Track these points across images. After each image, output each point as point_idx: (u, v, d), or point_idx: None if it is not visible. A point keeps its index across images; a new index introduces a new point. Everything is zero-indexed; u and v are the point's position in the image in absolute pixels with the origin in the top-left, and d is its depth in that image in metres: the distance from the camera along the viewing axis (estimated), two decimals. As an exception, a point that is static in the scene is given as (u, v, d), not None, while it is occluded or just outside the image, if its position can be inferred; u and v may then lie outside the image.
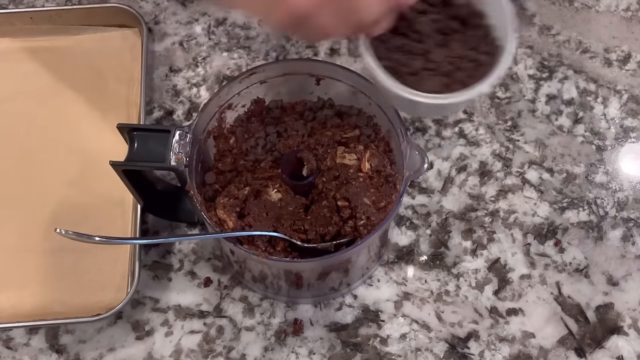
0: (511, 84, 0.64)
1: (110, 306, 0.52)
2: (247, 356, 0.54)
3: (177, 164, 0.45)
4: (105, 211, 0.57)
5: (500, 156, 0.61)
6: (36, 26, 0.64)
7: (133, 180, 0.49)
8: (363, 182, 0.46)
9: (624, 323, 0.55)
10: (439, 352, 0.54)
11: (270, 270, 0.50)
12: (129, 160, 0.46)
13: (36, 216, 0.57)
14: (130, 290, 0.52)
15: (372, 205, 0.46)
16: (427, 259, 0.57)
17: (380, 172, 0.47)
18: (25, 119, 0.61)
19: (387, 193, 0.47)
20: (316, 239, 0.46)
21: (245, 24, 0.67)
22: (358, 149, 0.48)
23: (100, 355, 0.54)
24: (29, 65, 0.63)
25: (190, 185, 0.45)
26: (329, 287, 0.53)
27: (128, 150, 0.46)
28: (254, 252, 0.45)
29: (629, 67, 0.65)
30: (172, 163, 0.45)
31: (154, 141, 0.46)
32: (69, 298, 0.54)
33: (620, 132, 0.62)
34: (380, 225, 0.44)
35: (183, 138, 0.45)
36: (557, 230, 0.58)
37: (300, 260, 0.46)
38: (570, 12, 0.68)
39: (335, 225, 0.46)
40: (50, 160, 0.59)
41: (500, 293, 0.56)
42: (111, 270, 0.55)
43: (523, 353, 0.54)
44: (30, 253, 0.56)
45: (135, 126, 0.47)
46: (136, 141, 0.46)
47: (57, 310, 0.53)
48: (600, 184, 0.60)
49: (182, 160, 0.45)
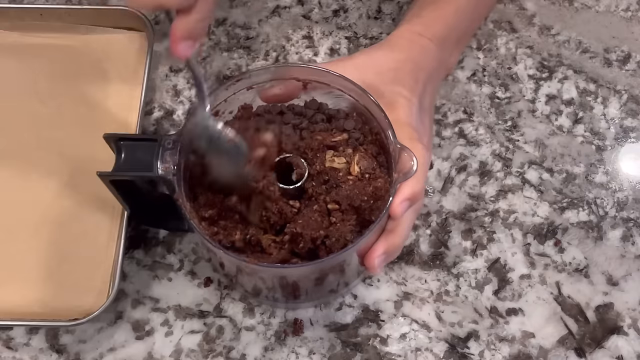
0: (511, 84, 0.64)
1: (89, 311, 0.51)
2: (247, 356, 0.54)
3: (165, 173, 0.45)
4: (95, 214, 0.57)
5: (500, 156, 0.61)
6: (45, 23, 0.64)
7: (121, 190, 0.49)
8: (353, 184, 0.46)
9: (623, 323, 0.55)
10: (439, 352, 0.54)
11: (265, 284, 0.50)
12: (116, 170, 0.45)
13: (24, 215, 0.57)
14: (110, 297, 0.52)
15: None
16: (427, 259, 0.57)
17: (370, 175, 0.47)
18: (25, 116, 0.61)
19: (378, 195, 0.47)
20: (307, 242, 0.46)
21: (246, 24, 0.67)
22: (347, 152, 0.48)
23: (100, 355, 0.54)
24: (35, 62, 0.63)
25: (179, 194, 0.45)
26: (328, 290, 0.53)
27: (115, 161, 0.46)
28: (244, 259, 0.45)
29: (629, 67, 0.65)
30: (160, 172, 0.45)
31: (142, 150, 0.45)
32: (49, 299, 0.54)
33: (620, 132, 0.62)
34: (371, 227, 0.44)
35: (170, 147, 0.45)
36: (557, 230, 0.58)
37: (292, 266, 0.46)
38: (570, 12, 0.68)
39: (326, 229, 0.46)
40: (45, 160, 0.59)
41: (500, 293, 0.56)
42: (94, 274, 0.55)
43: (523, 353, 0.54)
44: (14, 251, 0.56)
45: (122, 136, 0.47)
46: (123, 151, 0.45)
47: (36, 311, 0.53)
48: (600, 184, 0.60)
49: (170, 169, 0.45)
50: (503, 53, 0.66)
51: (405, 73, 0.52)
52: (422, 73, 0.53)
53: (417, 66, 0.53)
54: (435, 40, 0.55)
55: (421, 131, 0.50)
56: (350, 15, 0.68)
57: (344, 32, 0.67)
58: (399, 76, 0.52)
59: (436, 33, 0.55)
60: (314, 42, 0.67)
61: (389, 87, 0.51)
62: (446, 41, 0.56)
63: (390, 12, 0.68)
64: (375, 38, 0.67)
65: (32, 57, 0.64)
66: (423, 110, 0.52)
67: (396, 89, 0.51)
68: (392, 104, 0.49)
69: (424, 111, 0.53)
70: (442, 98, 0.63)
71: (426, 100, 0.53)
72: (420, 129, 0.50)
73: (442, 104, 0.63)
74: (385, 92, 0.50)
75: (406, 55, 0.53)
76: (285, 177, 0.47)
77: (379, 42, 0.57)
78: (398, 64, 0.52)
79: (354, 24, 0.68)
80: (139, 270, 0.56)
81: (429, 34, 0.55)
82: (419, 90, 0.52)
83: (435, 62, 0.55)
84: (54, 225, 0.57)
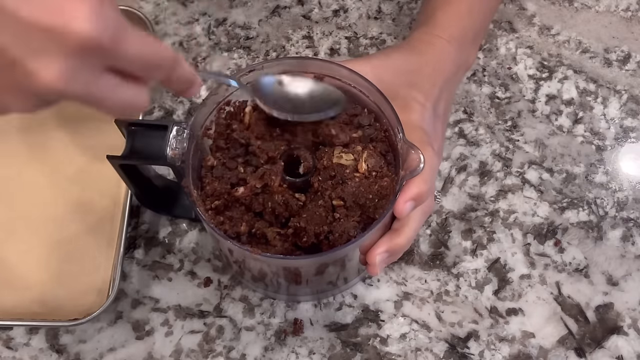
0: (511, 84, 0.64)
1: (89, 311, 0.51)
2: (247, 356, 0.54)
3: (173, 160, 0.45)
4: (95, 213, 0.57)
5: (500, 156, 0.61)
6: None
7: (130, 175, 0.49)
8: (359, 182, 0.46)
9: (623, 323, 0.55)
10: (439, 352, 0.54)
11: (270, 269, 0.50)
12: (126, 154, 0.46)
13: (24, 214, 0.57)
14: (110, 297, 0.52)
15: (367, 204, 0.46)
16: (427, 259, 0.57)
17: (377, 173, 0.47)
18: (25, 114, 0.61)
19: (383, 193, 0.47)
20: (310, 237, 0.46)
21: (246, 24, 0.67)
22: (356, 150, 0.48)
23: (100, 355, 0.54)
24: None
25: (187, 181, 0.45)
26: (327, 281, 0.53)
27: (125, 145, 0.46)
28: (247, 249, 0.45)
29: (629, 67, 0.65)
30: (169, 159, 0.45)
31: (152, 136, 0.45)
32: (49, 299, 0.54)
33: (620, 132, 0.62)
34: (374, 224, 0.44)
35: (180, 134, 0.45)
36: (557, 230, 0.58)
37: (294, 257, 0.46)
38: (570, 12, 0.68)
39: (330, 224, 0.47)
40: (45, 156, 0.59)
41: (500, 293, 0.56)
42: (94, 275, 0.55)
43: (523, 353, 0.54)
44: (14, 250, 0.56)
45: (133, 121, 0.47)
46: (133, 136, 0.46)
47: (35, 311, 0.53)
48: (600, 184, 0.60)
49: (179, 156, 0.45)
50: (503, 53, 0.66)
51: (422, 76, 0.51)
52: (439, 77, 0.52)
53: (435, 70, 0.52)
54: (454, 42, 0.54)
55: (433, 136, 0.50)
56: (350, 15, 0.68)
57: (344, 32, 0.67)
58: (416, 79, 0.51)
59: (453, 34, 0.54)
60: (314, 42, 0.67)
61: (405, 89, 0.50)
62: (464, 41, 0.55)
63: (390, 12, 0.68)
64: (375, 38, 0.67)
65: None
66: (437, 117, 0.51)
67: (412, 93, 0.50)
68: (405, 106, 0.49)
69: (437, 117, 0.52)
70: (442, 98, 0.64)
71: (441, 106, 0.52)
72: (432, 133, 0.50)
73: (442, 104, 0.63)
74: (400, 93, 0.49)
75: (425, 58, 0.52)
76: (293, 170, 0.48)
77: (398, 44, 0.56)
78: (416, 66, 0.52)
79: (354, 24, 0.68)
80: (139, 270, 0.56)
81: (447, 35, 0.54)
82: (435, 96, 0.51)
83: (454, 66, 0.54)
84: (54, 225, 0.57)
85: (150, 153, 0.45)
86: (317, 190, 0.47)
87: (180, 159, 0.45)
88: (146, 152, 0.46)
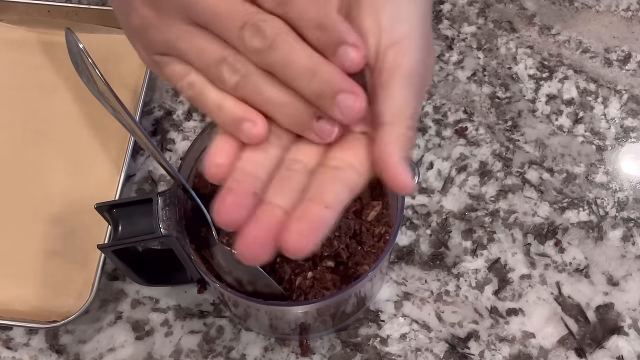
0: (511, 83, 0.64)
1: (68, 313, 0.51)
2: (247, 356, 0.54)
3: (168, 232, 0.42)
4: (86, 213, 0.56)
5: (500, 156, 0.61)
6: (52, 19, 0.65)
7: (122, 257, 0.46)
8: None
9: (624, 323, 0.55)
10: (439, 352, 0.54)
11: (285, 318, 0.49)
12: (117, 239, 0.43)
13: (15, 210, 0.57)
14: (88, 300, 0.51)
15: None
16: (427, 259, 0.57)
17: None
18: (24, 112, 0.61)
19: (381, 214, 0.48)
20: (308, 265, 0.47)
21: (245, 24, 0.67)
22: None
23: (100, 355, 0.54)
24: (39, 58, 0.64)
25: (188, 249, 0.43)
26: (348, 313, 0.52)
27: (112, 230, 0.43)
28: (254, 300, 0.44)
29: (629, 67, 0.65)
30: (163, 232, 0.42)
31: (138, 214, 0.43)
32: (31, 298, 0.54)
33: (621, 132, 0.62)
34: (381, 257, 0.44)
35: (167, 203, 0.43)
36: (557, 230, 0.58)
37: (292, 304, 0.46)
38: (570, 12, 0.68)
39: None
40: (41, 157, 0.59)
41: (500, 293, 0.56)
42: (77, 276, 0.54)
43: (523, 353, 0.54)
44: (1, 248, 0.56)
45: (114, 203, 0.44)
46: (118, 219, 0.43)
47: (17, 309, 0.53)
48: (601, 184, 0.60)
49: (172, 226, 0.42)
50: (503, 53, 0.66)
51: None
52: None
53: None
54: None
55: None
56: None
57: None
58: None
59: None
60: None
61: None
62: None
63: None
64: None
65: (37, 52, 0.64)
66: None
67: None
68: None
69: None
70: (442, 98, 0.63)
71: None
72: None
73: (442, 104, 0.63)
74: None
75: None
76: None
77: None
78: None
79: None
80: (138, 270, 0.56)
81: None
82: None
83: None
84: (43, 224, 0.56)
85: (140, 232, 0.42)
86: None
87: (175, 229, 0.42)
88: (136, 232, 0.42)
